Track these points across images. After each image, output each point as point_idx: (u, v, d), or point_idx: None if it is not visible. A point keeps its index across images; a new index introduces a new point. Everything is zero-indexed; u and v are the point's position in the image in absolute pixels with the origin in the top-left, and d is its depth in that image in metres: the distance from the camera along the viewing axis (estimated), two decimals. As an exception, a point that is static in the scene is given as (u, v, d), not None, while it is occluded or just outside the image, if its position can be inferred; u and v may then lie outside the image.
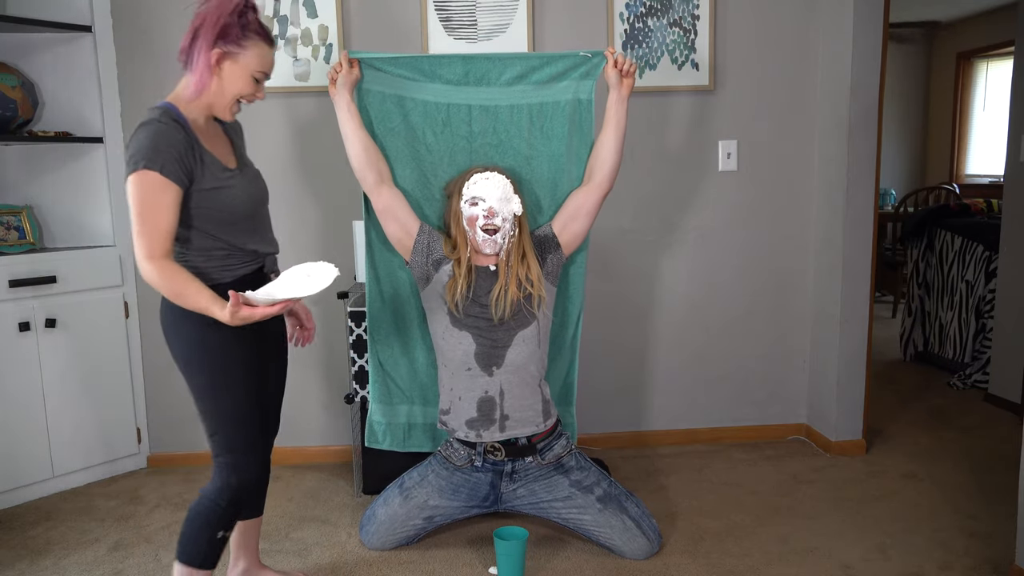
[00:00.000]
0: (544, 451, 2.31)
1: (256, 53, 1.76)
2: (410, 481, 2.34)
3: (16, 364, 2.67)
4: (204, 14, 1.71)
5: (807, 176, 3.11)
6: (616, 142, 2.33)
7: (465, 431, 2.28)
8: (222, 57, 1.73)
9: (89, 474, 2.89)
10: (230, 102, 1.79)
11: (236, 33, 1.72)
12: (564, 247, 2.34)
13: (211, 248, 1.78)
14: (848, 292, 2.97)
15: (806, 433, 3.24)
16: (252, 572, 2.10)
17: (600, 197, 2.34)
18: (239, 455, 1.81)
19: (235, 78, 1.76)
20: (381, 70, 2.30)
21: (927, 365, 4.30)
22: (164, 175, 1.65)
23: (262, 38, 1.77)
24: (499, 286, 2.23)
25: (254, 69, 1.77)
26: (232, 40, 1.72)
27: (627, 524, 2.23)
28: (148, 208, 1.65)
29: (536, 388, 2.30)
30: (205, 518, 1.80)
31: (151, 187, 1.64)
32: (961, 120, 6.66)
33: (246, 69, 1.76)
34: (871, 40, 2.83)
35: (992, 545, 2.29)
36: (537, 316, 2.27)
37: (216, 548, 1.83)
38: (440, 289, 2.27)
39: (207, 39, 1.70)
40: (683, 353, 3.16)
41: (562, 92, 2.37)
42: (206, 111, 1.80)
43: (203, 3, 1.73)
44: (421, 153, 2.38)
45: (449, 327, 2.26)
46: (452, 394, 2.30)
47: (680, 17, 2.94)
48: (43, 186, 2.92)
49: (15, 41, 2.82)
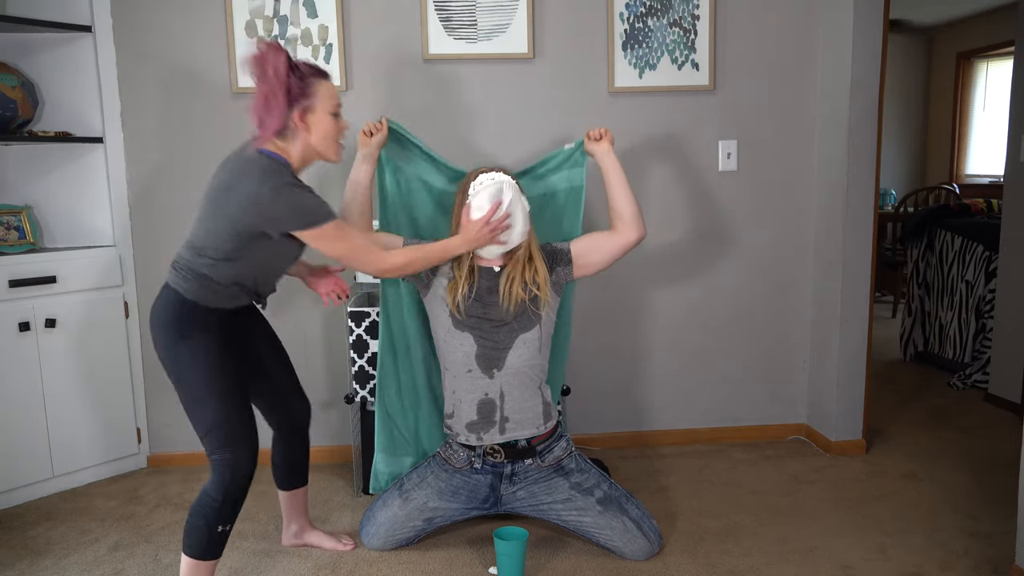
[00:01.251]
0: (544, 453, 2.31)
1: (325, 94, 1.93)
2: (409, 483, 2.34)
3: (16, 364, 2.67)
4: (272, 80, 1.84)
5: (807, 176, 3.11)
6: (620, 189, 2.37)
7: (466, 435, 2.29)
8: (303, 115, 1.90)
9: (89, 474, 2.89)
10: (330, 144, 1.97)
11: (299, 87, 1.88)
12: (575, 269, 2.36)
13: (240, 280, 1.93)
14: (848, 292, 2.97)
15: (806, 433, 3.24)
16: (304, 532, 2.35)
17: (623, 243, 2.37)
18: (231, 451, 1.91)
19: (320, 123, 1.93)
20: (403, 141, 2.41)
21: (927, 365, 4.30)
22: (333, 215, 1.90)
23: (322, 77, 1.94)
24: (506, 276, 2.26)
25: (330, 108, 1.94)
26: (300, 96, 1.89)
27: (627, 525, 2.23)
28: (351, 238, 1.96)
29: (536, 391, 2.30)
30: (204, 514, 1.91)
31: (337, 228, 1.89)
32: (961, 120, 6.66)
33: (324, 110, 1.93)
34: (871, 40, 2.83)
35: (992, 545, 2.29)
36: (540, 319, 2.28)
37: (218, 541, 1.94)
38: (441, 292, 2.28)
39: (281, 107, 1.86)
40: (683, 353, 3.16)
41: (558, 182, 2.51)
42: (307, 164, 1.99)
43: (260, 71, 1.85)
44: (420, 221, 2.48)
45: (451, 329, 2.27)
46: (455, 397, 2.31)
47: (680, 17, 2.94)
48: (43, 186, 2.92)
49: (15, 41, 2.82)
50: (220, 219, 1.86)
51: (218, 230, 1.86)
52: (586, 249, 2.36)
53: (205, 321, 1.90)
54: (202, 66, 2.87)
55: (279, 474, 2.29)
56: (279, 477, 2.30)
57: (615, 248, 2.36)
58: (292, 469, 2.29)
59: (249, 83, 2.82)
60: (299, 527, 2.36)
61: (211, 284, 1.90)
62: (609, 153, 2.39)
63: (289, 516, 2.35)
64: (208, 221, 1.88)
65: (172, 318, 1.89)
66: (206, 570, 1.96)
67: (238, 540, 2.41)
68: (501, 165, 2.38)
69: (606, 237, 2.38)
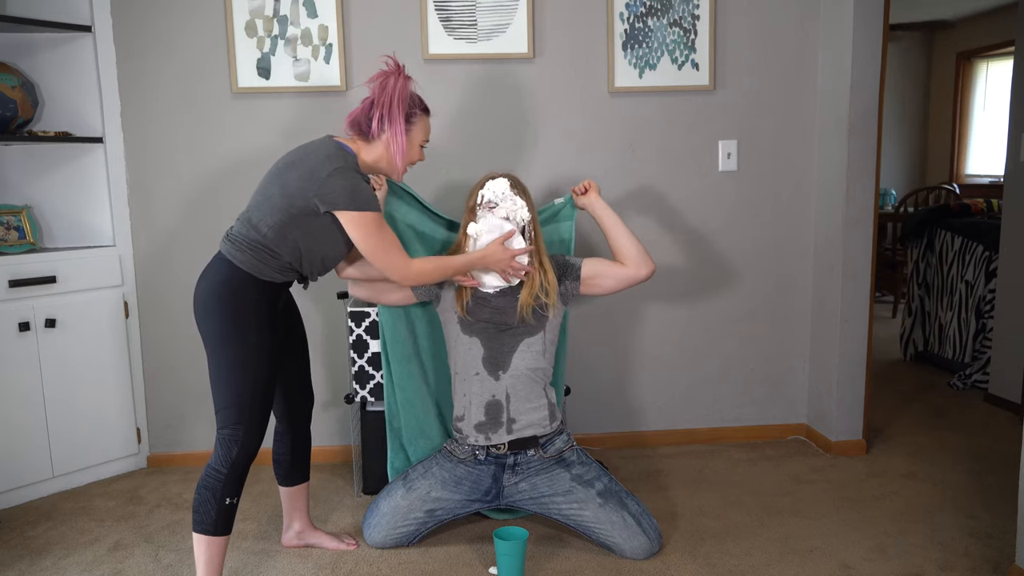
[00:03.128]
0: (546, 444, 2.36)
1: (423, 127, 2.14)
2: (414, 474, 2.39)
3: (16, 364, 2.67)
4: (390, 96, 2.04)
5: (807, 176, 3.11)
6: (619, 235, 2.41)
7: (475, 436, 2.34)
8: (398, 132, 2.07)
9: (89, 474, 2.89)
10: (401, 166, 2.12)
11: (412, 112, 2.09)
12: (583, 286, 2.40)
13: (287, 256, 1.99)
14: (848, 292, 2.97)
15: (806, 433, 3.24)
16: (306, 532, 2.36)
17: (631, 276, 2.39)
18: (244, 429, 1.95)
19: (409, 148, 2.12)
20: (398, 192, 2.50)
21: (927, 365, 4.30)
22: (379, 210, 2.01)
23: (426, 113, 2.15)
24: (528, 281, 2.34)
25: (422, 139, 2.15)
26: (410, 118, 2.09)
27: (627, 520, 2.24)
28: (388, 238, 2.01)
29: (541, 392, 2.36)
30: (211, 487, 1.96)
31: (379, 222, 1.98)
32: (961, 120, 6.66)
33: (416, 139, 2.13)
34: (871, 40, 2.83)
35: (992, 545, 2.30)
36: (545, 325, 2.35)
37: (226, 515, 1.98)
38: (451, 299, 2.36)
39: (397, 117, 2.05)
40: (683, 353, 3.16)
41: (550, 234, 2.58)
42: (372, 171, 2.14)
43: (382, 83, 2.05)
44: None
45: (460, 334, 2.35)
46: (464, 399, 2.37)
47: (680, 17, 2.94)
48: (43, 186, 2.92)
49: (15, 41, 2.82)
50: (276, 192, 1.95)
51: (272, 203, 1.95)
52: (596, 271, 2.40)
53: (256, 297, 1.96)
54: (202, 66, 2.87)
55: (281, 470, 2.30)
56: (281, 473, 2.30)
57: (623, 279, 2.40)
58: (294, 464, 2.29)
59: (249, 83, 2.86)
60: (301, 527, 2.36)
61: (264, 256, 1.96)
62: (598, 203, 2.45)
63: (290, 515, 2.35)
64: (266, 192, 1.98)
65: (223, 287, 1.94)
66: (217, 548, 1.98)
67: (238, 540, 2.42)
68: (508, 172, 2.42)
69: (618, 267, 2.41)
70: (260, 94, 2.89)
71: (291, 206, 1.93)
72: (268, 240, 1.95)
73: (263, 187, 1.99)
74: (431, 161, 2.95)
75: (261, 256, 1.96)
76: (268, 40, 2.85)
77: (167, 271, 2.97)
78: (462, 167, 2.95)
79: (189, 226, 2.95)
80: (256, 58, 2.86)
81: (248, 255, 1.95)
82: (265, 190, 1.98)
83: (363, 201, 1.95)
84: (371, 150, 2.08)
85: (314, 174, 1.92)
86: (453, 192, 2.94)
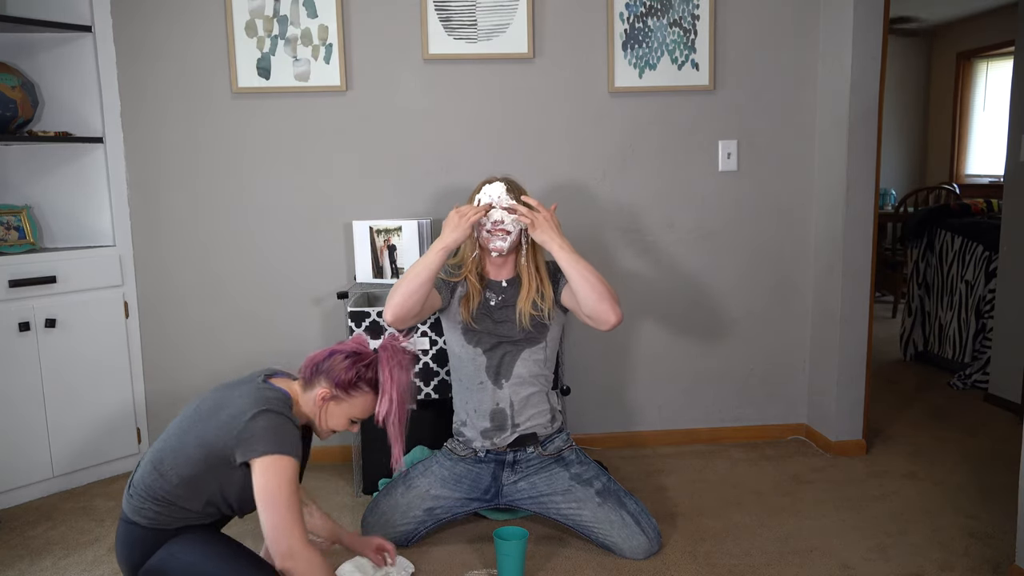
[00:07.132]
0: (546, 442, 2.37)
1: (362, 402, 1.87)
2: (414, 472, 2.40)
3: (16, 364, 2.67)
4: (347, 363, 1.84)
5: (807, 176, 3.11)
6: (571, 274, 2.18)
7: (480, 440, 2.35)
8: (328, 397, 1.85)
9: (89, 474, 2.89)
10: (326, 431, 1.90)
11: (353, 383, 1.84)
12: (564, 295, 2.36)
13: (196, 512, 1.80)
14: (848, 292, 2.97)
15: (806, 433, 3.24)
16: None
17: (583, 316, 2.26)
18: None
19: (336, 415, 1.87)
20: None
21: (927, 365, 4.30)
22: (297, 455, 1.74)
23: (373, 390, 1.87)
24: (525, 287, 2.33)
25: (353, 414, 1.89)
26: (347, 386, 1.84)
27: (626, 520, 2.24)
28: (292, 495, 1.69)
29: (544, 397, 2.39)
30: None
31: (290, 474, 1.70)
32: (961, 120, 6.66)
33: (348, 412, 1.88)
34: (871, 40, 2.83)
35: (992, 545, 2.29)
36: (546, 334, 2.36)
37: None
38: (456, 309, 2.36)
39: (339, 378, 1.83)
40: (683, 353, 3.16)
41: None
42: (300, 418, 1.87)
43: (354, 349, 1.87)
44: None
45: (464, 344, 2.35)
46: (468, 407, 2.39)
47: (680, 17, 2.94)
48: (43, 186, 2.92)
49: (15, 41, 2.82)
50: (191, 440, 1.75)
51: (187, 452, 1.75)
52: (570, 305, 2.33)
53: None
54: (202, 66, 2.87)
55: None
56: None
57: (580, 314, 2.28)
58: None
59: (249, 83, 2.86)
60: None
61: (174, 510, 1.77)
62: (552, 241, 2.18)
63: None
64: (180, 438, 1.78)
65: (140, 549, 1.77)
66: None
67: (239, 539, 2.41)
68: (506, 175, 2.41)
69: (575, 303, 2.28)
70: (260, 94, 2.89)
71: (207, 457, 1.72)
72: (176, 491, 1.74)
73: (179, 431, 1.79)
74: (431, 161, 2.95)
75: (168, 511, 1.75)
76: (268, 40, 2.85)
77: (167, 271, 2.97)
78: (462, 167, 2.95)
79: (189, 226, 2.95)
80: (256, 58, 2.86)
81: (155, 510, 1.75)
82: (180, 435, 1.77)
83: (284, 442, 1.71)
84: (306, 396, 1.86)
85: (239, 416, 1.71)
86: (453, 192, 2.94)
